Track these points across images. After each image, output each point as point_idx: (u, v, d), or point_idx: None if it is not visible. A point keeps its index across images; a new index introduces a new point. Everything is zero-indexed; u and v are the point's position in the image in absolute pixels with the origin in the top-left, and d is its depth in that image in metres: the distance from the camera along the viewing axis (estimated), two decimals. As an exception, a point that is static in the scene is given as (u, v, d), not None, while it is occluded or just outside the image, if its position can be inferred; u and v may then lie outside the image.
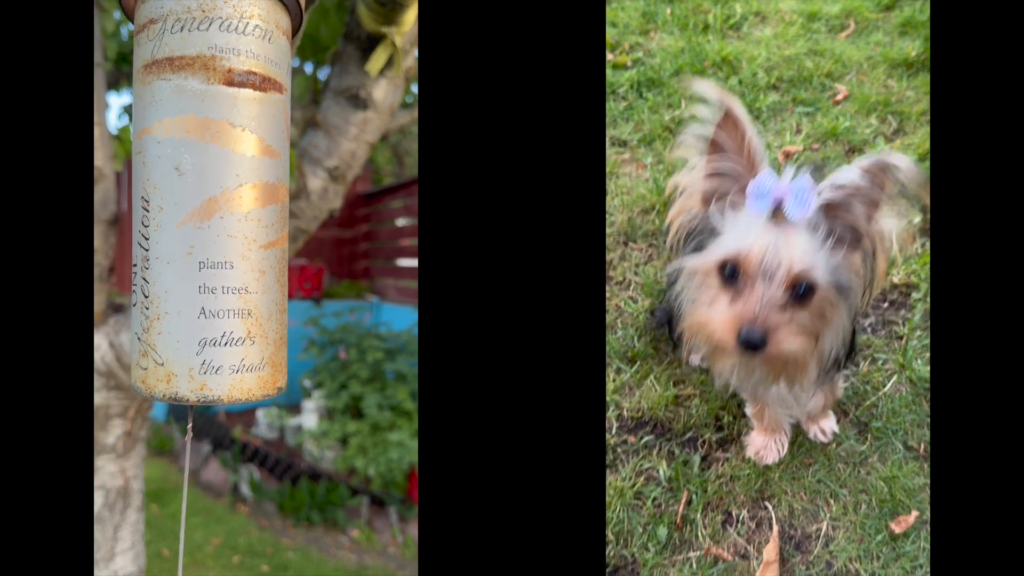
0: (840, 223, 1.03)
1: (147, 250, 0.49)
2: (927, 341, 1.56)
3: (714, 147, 1.07)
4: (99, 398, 1.47)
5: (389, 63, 1.33)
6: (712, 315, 1.04)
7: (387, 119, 1.46)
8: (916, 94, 2.19)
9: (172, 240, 0.48)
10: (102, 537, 1.51)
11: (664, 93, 2.21)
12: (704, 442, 1.45)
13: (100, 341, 1.45)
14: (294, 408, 4.93)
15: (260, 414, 4.79)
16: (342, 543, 3.68)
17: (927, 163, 1.73)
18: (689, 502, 1.35)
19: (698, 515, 1.33)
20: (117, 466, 1.53)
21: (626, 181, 1.92)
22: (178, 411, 5.00)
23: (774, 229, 1.01)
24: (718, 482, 1.38)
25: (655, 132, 2.09)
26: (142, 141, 0.49)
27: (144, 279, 0.49)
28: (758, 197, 1.01)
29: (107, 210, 1.43)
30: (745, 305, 1.01)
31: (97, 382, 1.46)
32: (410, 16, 1.22)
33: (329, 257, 6.90)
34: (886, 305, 1.66)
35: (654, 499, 1.36)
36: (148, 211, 0.48)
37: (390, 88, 1.40)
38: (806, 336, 1.03)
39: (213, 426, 4.65)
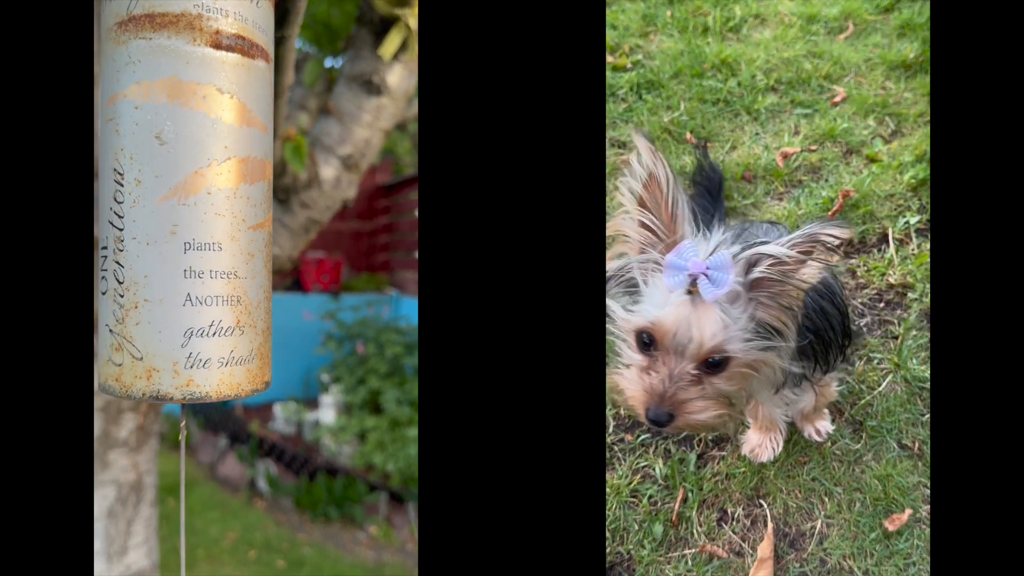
0: (763, 291, 1.02)
1: (121, 229, 0.44)
2: (922, 341, 1.58)
3: (642, 204, 1.06)
4: None
5: (403, 47, 1.31)
6: (627, 383, 1.06)
7: (403, 105, 1.44)
8: (914, 96, 2.21)
9: (152, 218, 0.43)
10: (115, 532, 1.48)
11: (663, 95, 2.23)
12: (700, 440, 1.46)
13: None
14: (311, 403, 4.92)
15: (277, 409, 4.78)
16: (360, 539, 3.67)
17: (924, 164, 1.92)
18: (685, 500, 1.36)
19: (694, 513, 1.35)
20: (130, 460, 1.50)
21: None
22: (196, 406, 5.00)
23: (688, 305, 1.00)
24: (714, 480, 1.40)
25: (654, 134, 2.10)
26: (115, 106, 0.44)
27: (117, 263, 0.44)
28: (674, 271, 1.01)
29: None
30: (654, 381, 1.03)
31: None
32: None
33: (347, 250, 6.88)
34: (882, 305, 1.67)
35: (650, 497, 1.37)
36: (122, 185, 0.43)
37: (405, 73, 1.38)
38: (717, 405, 1.04)
39: (230, 420, 4.66)
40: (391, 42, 1.28)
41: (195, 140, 0.43)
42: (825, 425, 1.44)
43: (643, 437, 1.46)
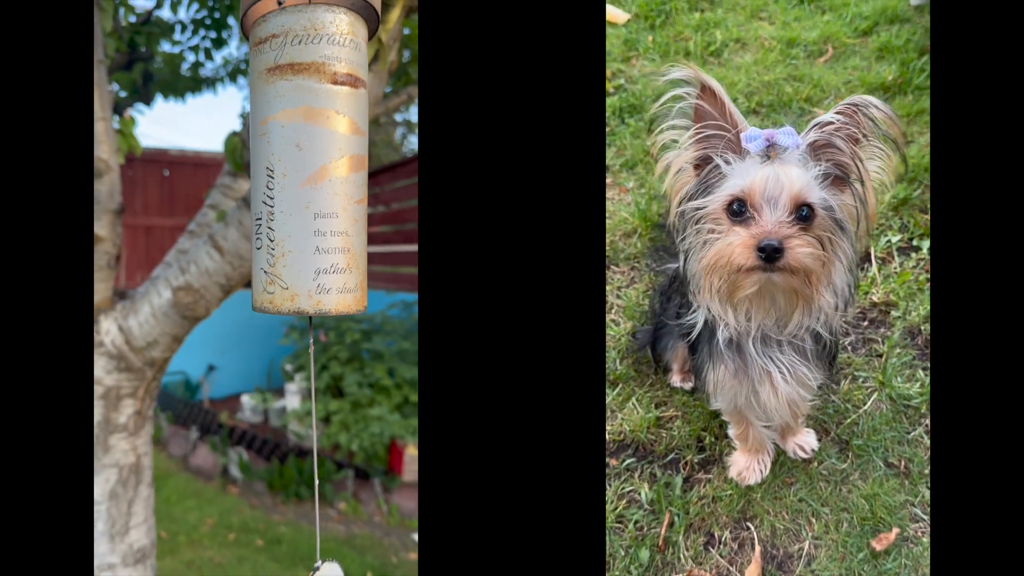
0: (827, 160, 1.11)
1: (272, 207, 0.66)
2: (906, 358, 1.57)
3: (698, 115, 1.14)
4: (111, 380, 1.56)
5: (375, 58, 1.40)
6: (730, 242, 1.09)
7: (373, 109, 1.55)
8: None
9: (293, 198, 0.65)
10: (117, 512, 1.59)
11: (646, 119, 2.21)
12: (686, 463, 1.45)
13: (109, 326, 1.54)
14: (278, 392, 5.08)
15: (245, 399, 4.94)
16: (331, 516, 3.86)
17: (904, 184, 1.92)
18: (671, 524, 1.35)
19: (680, 537, 1.34)
20: (129, 444, 1.62)
21: (608, 205, 1.95)
22: (164, 401, 5.14)
23: (770, 165, 1.09)
24: (700, 503, 1.39)
25: (637, 157, 2.13)
26: (267, 125, 0.66)
27: (269, 227, 0.66)
28: (751, 139, 1.10)
29: (114, 200, 1.53)
30: (758, 227, 1.07)
31: (108, 365, 1.55)
32: (393, 15, 1.29)
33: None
34: (866, 324, 1.67)
35: (636, 522, 1.36)
36: (272, 177, 0.65)
37: (375, 81, 1.49)
38: (815, 246, 1.09)
39: (199, 414, 4.80)
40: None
41: (321, 146, 0.65)
42: (809, 440, 1.44)
43: (628, 462, 1.45)
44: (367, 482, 4.07)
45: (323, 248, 0.66)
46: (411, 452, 3.94)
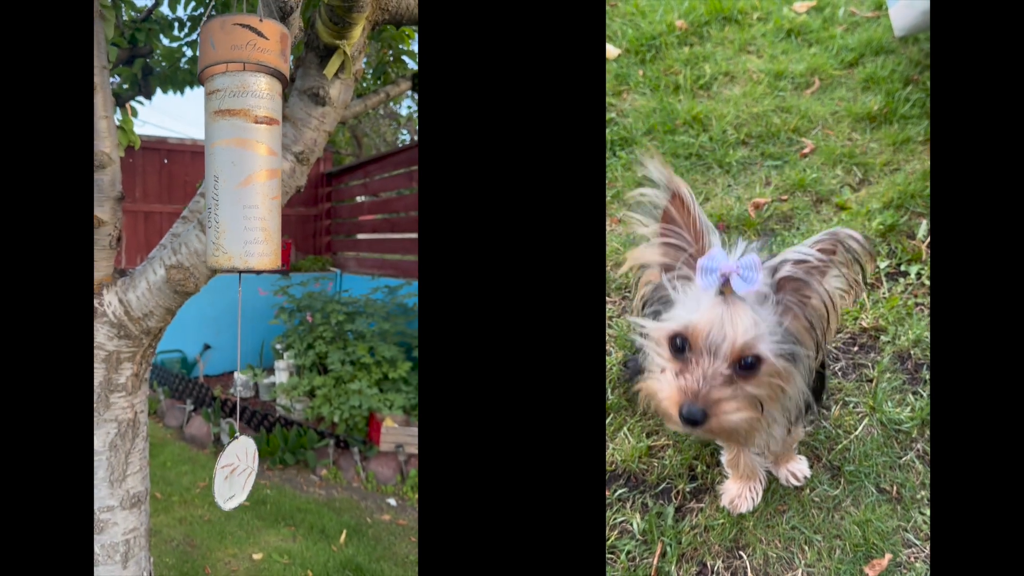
0: (790, 294, 1.06)
1: (217, 201, 1.01)
2: (896, 383, 1.57)
3: (666, 219, 1.10)
4: (112, 345, 1.65)
5: (342, 67, 1.57)
6: (660, 386, 1.06)
7: (342, 111, 1.71)
8: (879, 146, 2.24)
9: (231, 196, 1.01)
10: (116, 462, 1.66)
11: (636, 152, 2.27)
12: (678, 492, 1.45)
13: (111, 299, 1.64)
14: (268, 370, 5.46)
15: (237, 375, 5.27)
16: (313, 481, 4.08)
17: (892, 211, 1.93)
18: (663, 554, 1.34)
19: (673, 567, 1.32)
20: (128, 402, 1.68)
21: (600, 236, 1.96)
22: (162, 377, 5.44)
23: (721, 304, 1.03)
24: (692, 533, 1.37)
25: (627, 189, 2.14)
26: (214, 148, 1.01)
27: (216, 214, 1.02)
28: (707, 273, 1.03)
29: (115, 189, 1.64)
30: (688, 380, 1.03)
31: (110, 332, 1.64)
32: (356, 31, 1.46)
33: (295, 233, 7.31)
34: (856, 349, 1.67)
35: (628, 552, 1.35)
36: (217, 182, 1.01)
37: (343, 87, 1.64)
38: (749, 408, 1.04)
39: (194, 388, 5.08)
40: (333, 64, 1.51)
41: (248, 163, 1.00)
42: (801, 467, 1.44)
43: (620, 492, 1.45)
44: (347, 451, 4.25)
45: (248, 227, 1.01)
46: (388, 424, 4.17)
